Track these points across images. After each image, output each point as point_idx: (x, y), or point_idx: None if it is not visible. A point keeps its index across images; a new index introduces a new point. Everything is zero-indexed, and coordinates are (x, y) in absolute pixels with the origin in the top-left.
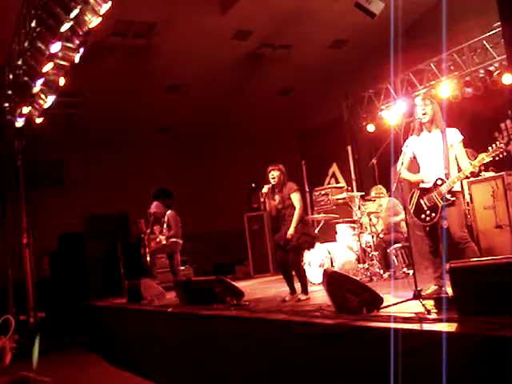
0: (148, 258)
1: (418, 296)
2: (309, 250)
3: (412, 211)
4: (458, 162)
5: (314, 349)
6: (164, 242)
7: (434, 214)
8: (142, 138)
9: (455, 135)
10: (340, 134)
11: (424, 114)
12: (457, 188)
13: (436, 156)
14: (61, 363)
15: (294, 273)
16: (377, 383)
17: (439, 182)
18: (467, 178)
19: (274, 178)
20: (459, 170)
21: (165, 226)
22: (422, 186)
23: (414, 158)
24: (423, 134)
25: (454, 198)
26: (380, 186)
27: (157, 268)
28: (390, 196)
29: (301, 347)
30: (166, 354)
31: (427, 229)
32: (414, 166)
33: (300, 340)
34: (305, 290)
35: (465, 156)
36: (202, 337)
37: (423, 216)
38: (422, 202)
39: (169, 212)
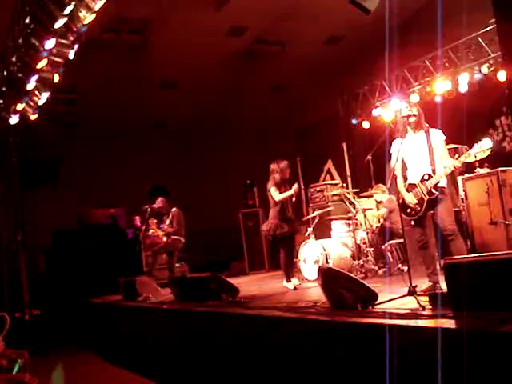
0: (148, 254)
1: (412, 292)
2: (283, 240)
3: (400, 205)
4: (442, 160)
5: (309, 345)
6: (164, 239)
7: (419, 208)
8: (138, 134)
9: (438, 136)
10: (335, 130)
11: (410, 116)
12: (443, 184)
13: (422, 155)
14: (56, 361)
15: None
16: (372, 379)
17: (426, 177)
18: (452, 172)
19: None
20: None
21: (167, 222)
22: (409, 182)
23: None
24: (408, 135)
25: (437, 192)
26: (382, 185)
27: (156, 266)
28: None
29: (296, 344)
30: (161, 350)
31: (412, 223)
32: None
33: (295, 336)
34: (285, 278)
35: (448, 155)
36: (196, 333)
37: (409, 210)
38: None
39: (174, 209)
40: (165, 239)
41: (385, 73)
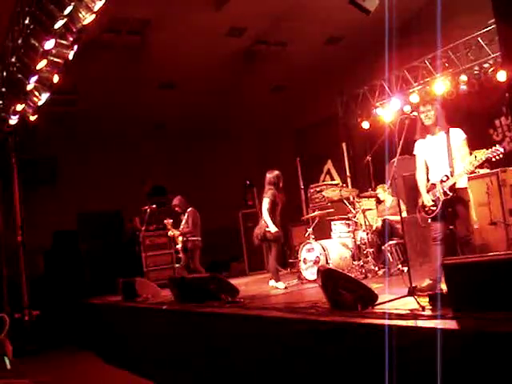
0: (148, 255)
1: (412, 293)
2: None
3: (420, 204)
4: (462, 160)
5: (308, 346)
6: (180, 238)
7: (434, 208)
8: (137, 134)
9: (458, 135)
10: (335, 130)
11: (427, 118)
12: (462, 185)
13: (442, 156)
14: (56, 361)
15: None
16: (372, 379)
17: (444, 179)
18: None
19: None
20: None
21: (183, 222)
22: (430, 182)
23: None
24: (429, 136)
25: (452, 194)
26: (384, 185)
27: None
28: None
29: (296, 344)
30: (160, 351)
31: (429, 221)
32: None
33: (295, 337)
34: (275, 278)
35: (467, 154)
36: (196, 334)
37: (426, 209)
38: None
39: (190, 209)
40: (180, 238)
41: (384, 73)
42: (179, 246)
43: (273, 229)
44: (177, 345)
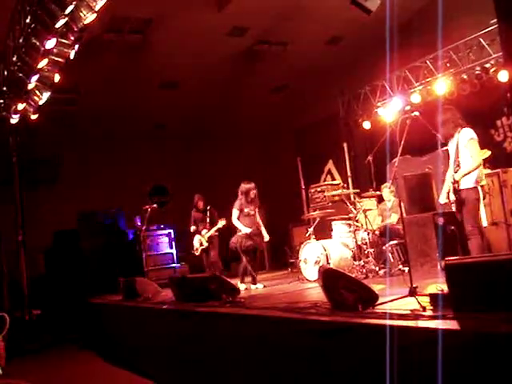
0: (149, 254)
1: (413, 293)
2: (247, 252)
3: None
4: (470, 161)
5: (309, 346)
6: (206, 238)
7: (452, 206)
8: (137, 134)
9: (466, 135)
10: (336, 130)
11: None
12: (467, 185)
13: (453, 157)
14: (57, 361)
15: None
16: (372, 380)
17: (453, 181)
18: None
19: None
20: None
21: (207, 220)
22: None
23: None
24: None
25: (454, 199)
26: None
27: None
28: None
29: (296, 344)
30: (161, 350)
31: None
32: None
33: (295, 337)
34: (240, 280)
35: (473, 155)
36: (197, 334)
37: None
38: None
39: (209, 207)
40: (206, 238)
41: (386, 73)
42: (206, 245)
43: (244, 230)
44: (177, 344)
